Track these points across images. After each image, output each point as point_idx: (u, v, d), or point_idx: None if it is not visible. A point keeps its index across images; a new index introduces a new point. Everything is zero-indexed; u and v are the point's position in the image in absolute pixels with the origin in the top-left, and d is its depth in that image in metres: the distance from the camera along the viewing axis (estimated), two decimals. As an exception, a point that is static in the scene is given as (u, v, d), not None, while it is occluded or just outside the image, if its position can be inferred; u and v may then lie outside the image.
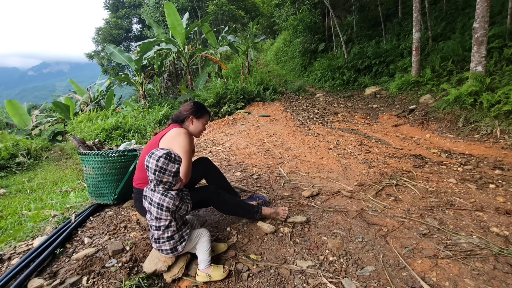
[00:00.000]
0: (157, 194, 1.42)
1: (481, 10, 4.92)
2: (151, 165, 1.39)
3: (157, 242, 1.49)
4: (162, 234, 1.47)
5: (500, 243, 1.71)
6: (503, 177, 2.80)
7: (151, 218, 1.46)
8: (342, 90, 9.78)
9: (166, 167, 1.40)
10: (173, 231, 1.48)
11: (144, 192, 1.50)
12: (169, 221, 1.45)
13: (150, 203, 1.45)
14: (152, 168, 1.39)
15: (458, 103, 5.22)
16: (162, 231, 1.46)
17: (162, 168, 1.39)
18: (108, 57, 22.81)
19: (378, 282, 1.45)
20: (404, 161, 3.47)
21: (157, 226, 1.46)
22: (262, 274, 1.56)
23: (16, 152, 6.32)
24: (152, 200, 1.43)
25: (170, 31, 8.86)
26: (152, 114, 8.27)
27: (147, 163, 1.41)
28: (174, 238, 1.48)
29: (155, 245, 1.51)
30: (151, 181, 1.44)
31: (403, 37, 9.57)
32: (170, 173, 1.42)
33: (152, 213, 1.44)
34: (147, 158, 1.41)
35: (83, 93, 13.95)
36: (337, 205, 2.34)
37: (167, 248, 1.48)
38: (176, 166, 1.43)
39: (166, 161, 1.39)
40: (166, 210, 1.42)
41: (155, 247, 1.53)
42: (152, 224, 1.48)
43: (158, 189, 1.43)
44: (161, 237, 1.47)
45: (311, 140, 4.77)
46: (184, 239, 1.51)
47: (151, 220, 1.47)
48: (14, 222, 2.66)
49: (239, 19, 19.71)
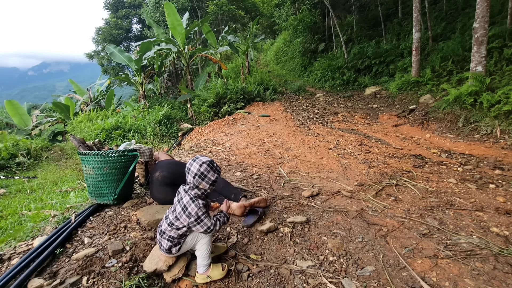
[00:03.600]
0: (187, 196, 1.46)
1: (481, 10, 4.92)
2: (193, 168, 1.45)
3: (160, 234, 1.52)
4: (169, 231, 1.49)
5: (500, 243, 1.71)
6: (503, 177, 2.80)
7: (173, 214, 1.50)
8: (342, 90, 9.78)
9: (207, 173, 1.46)
10: (178, 234, 1.49)
11: (179, 189, 1.55)
12: (182, 226, 1.47)
13: (179, 201, 1.49)
14: (193, 171, 1.45)
15: (458, 103, 5.22)
16: (171, 228, 1.48)
17: (203, 174, 1.45)
18: (108, 57, 22.81)
19: (378, 282, 1.45)
20: (404, 161, 3.47)
21: (171, 222, 1.49)
22: (262, 274, 1.56)
23: (16, 152, 6.32)
24: (181, 199, 1.48)
25: (170, 31, 8.85)
26: (152, 114, 8.26)
27: (190, 166, 1.47)
28: (173, 242, 1.50)
29: (158, 236, 1.54)
30: (188, 183, 1.50)
31: (403, 37, 9.57)
32: (209, 181, 1.47)
33: (176, 210, 1.48)
34: (191, 161, 1.49)
35: (83, 93, 13.95)
36: (337, 205, 2.34)
37: (164, 245, 1.51)
38: (215, 175, 1.49)
39: (208, 168, 1.46)
40: (187, 215, 1.44)
41: (157, 237, 1.55)
42: (169, 217, 1.51)
43: (190, 192, 1.47)
44: (166, 233, 1.50)
45: (311, 140, 4.77)
46: (179, 243, 1.53)
47: (171, 214, 1.51)
48: (14, 222, 2.66)
49: (239, 19, 19.70)
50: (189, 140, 6.46)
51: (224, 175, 3.22)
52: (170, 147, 6.63)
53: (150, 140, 7.24)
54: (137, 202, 2.43)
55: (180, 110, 9.78)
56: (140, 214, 2.11)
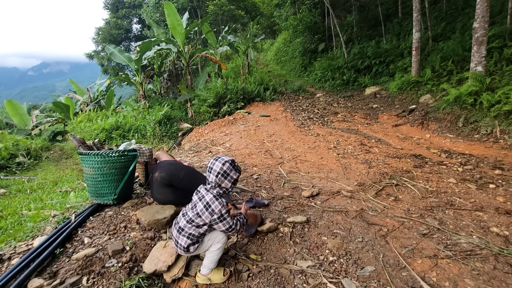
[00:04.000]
0: (210, 194, 1.49)
1: (481, 10, 4.92)
2: (216, 167, 1.48)
3: (179, 231, 1.51)
4: (188, 229, 1.49)
5: (500, 243, 1.71)
6: (503, 177, 2.80)
7: (193, 211, 1.50)
8: (342, 90, 9.78)
9: (230, 172, 1.49)
10: (198, 232, 1.49)
11: (199, 188, 1.58)
12: (203, 223, 1.48)
13: (200, 199, 1.51)
14: (216, 170, 1.47)
15: (458, 103, 5.22)
16: (191, 226, 1.48)
17: (225, 173, 1.48)
18: (108, 57, 22.81)
19: (378, 282, 1.45)
20: (404, 161, 3.46)
21: (190, 219, 1.49)
22: (262, 274, 1.56)
23: (16, 152, 6.32)
24: (203, 197, 1.50)
25: (170, 31, 8.85)
26: (152, 114, 8.26)
27: (212, 165, 1.49)
28: (192, 240, 1.49)
29: (176, 233, 1.52)
30: (210, 182, 1.51)
31: (403, 37, 9.57)
32: (231, 179, 1.50)
33: (197, 208, 1.49)
34: (212, 161, 1.51)
35: (83, 93, 13.95)
36: (337, 205, 2.34)
37: (182, 244, 1.48)
38: (237, 174, 1.52)
39: (230, 167, 1.49)
40: (209, 212, 1.45)
41: (174, 234, 1.54)
42: (188, 214, 1.51)
43: (212, 191, 1.50)
44: (186, 230, 1.49)
45: (311, 140, 4.77)
46: (198, 241, 1.52)
47: (190, 211, 1.51)
48: (14, 222, 2.66)
49: (239, 19, 19.69)
50: (189, 140, 6.46)
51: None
52: (170, 147, 6.63)
53: (150, 140, 7.24)
54: (137, 202, 2.43)
55: (180, 110, 9.78)
56: (140, 214, 2.11)
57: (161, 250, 1.65)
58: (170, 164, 2.37)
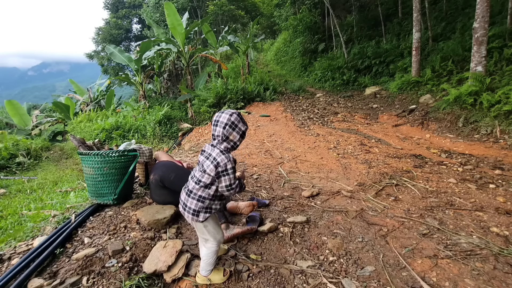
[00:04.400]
0: (217, 149, 1.41)
1: (481, 10, 4.92)
2: (223, 119, 1.39)
3: (187, 194, 1.45)
4: (197, 190, 1.42)
5: (500, 243, 1.71)
6: (503, 177, 2.80)
7: (199, 169, 1.45)
8: (342, 90, 9.78)
9: (238, 123, 1.41)
10: (208, 194, 1.42)
11: (203, 148, 1.49)
12: (211, 180, 1.40)
13: (207, 157, 1.43)
14: (223, 122, 1.39)
15: (458, 103, 5.22)
16: (199, 187, 1.42)
17: (234, 123, 1.40)
18: (108, 57, 22.81)
19: (378, 282, 1.45)
20: (404, 161, 3.46)
21: (198, 180, 1.43)
22: (262, 274, 1.56)
23: (16, 152, 6.32)
24: (210, 155, 1.43)
25: (170, 31, 8.85)
26: (152, 114, 8.26)
27: (218, 118, 1.40)
28: (203, 202, 1.42)
29: (185, 196, 1.46)
30: (216, 137, 1.42)
31: (403, 37, 9.57)
32: (239, 131, 1.43)
33: (204, 166, 1.42)
34: (218, 113, 1.42)
35: (83, 93, 13.95)
36: (337, 205, 2.34)
37: (191, 206, 1.42)
38: (244, 127, 1.45)
39: (238, 118, 1.41)
40: (214, 165, 1.38)
41: (182, 199, 1.48)
42: (196, 175, 1.45)
43: (220, 146, 1.42)
44: (194, 192, 1.43)
45: (311, 140, 4.77)
46: (210, 211, 1.45)
47: (197, 172, 1.46)
48: (14, 222, 2.66)
49: (239, 19, 19.69)
50: (189, 140, 6.46)
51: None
52: (170, 147, 6.63)
53: (150, 140, 7.24)
54: (137, 202, 2.43)
55: (180, 110, 9.78)
56: (140, 214, 2.11)
57: (161, 250, 1.65)
58: (163, 165, 2.35)
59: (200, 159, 1.47)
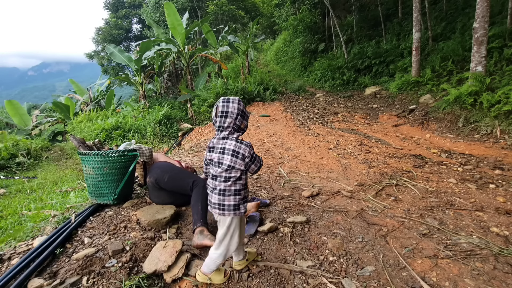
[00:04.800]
0: (230, 141, 1.36)
1: (481, 10, 4.92)
2: (232, 109, 1.34)
3: (221, 195, 1.38)
4: (230, 186, 1.37)
5: (500, 243, 1.71)
6: (503, 177, 2.80)
7: (222, 168, 1.37)
8: (342, 90, 9.78)
9: (245, 110, 1.39)
10: (241, 185, 1.39)
11: (210, 144, 1.42)
12: (240, 172, 1.37)
13: (222, 152, 1.37)
14: (234, 112, 1.34)
15: (458, 103, 5.22)
16: (231, 183, 1.37)
17: (243, 112, 1.38)
18: (108, 57, 22.80)
19: (378, 282, 1.45)
20: (404, 161, 3.47)
21: (226, 177, 1.37)
22: (262, 274, 1.56)
23: (16, 152, 6.32)
24: (224, 149, 1.36)
25: (170, 31, 8.85)
26: (152, 114, 8.26)
27: (226, 108, 1.34)
28: (240, 194, 1.39)
29: (219, 197, 1.38)
30: (226, 129, 1.37)
31: (403, 37, 9.57)
32: (247, 118, 1.42)
33: (225, 162, 1.36)
34: (223, 104, 1.35)
35: (83, 93, 13.95)
36: (337, 205, 2.34)
37: (231, 203, 1.37)
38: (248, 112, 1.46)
39: (243, 104, 1.39)
40: (241, 158, 1.35)
41: (214, 202, 1.40)
42: (221, 175, 1.38)
43: (232, 137, 1.37)
44: (228, 189, 1.37)
45: (311, 140, 4.77)
46: (246, 200, 1.43)
47: (220, 172, 1.38)
48: (14, 222, 2.66)
49: (239, 19, 19.69)
50: (189, 140, 6.46)
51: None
52: (170, 147, 6.63)
53: (150, 140, 7.24)
54: (137, 202, 2.43)
55: (180, 110, 9.78)
56: (140, 214, 2.11)
57: (161, 250, 1.65)
58: (158, 167, 2.35)
59: (213, 156, 1.40)
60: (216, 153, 1.39)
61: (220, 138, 1.39)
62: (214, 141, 1.42)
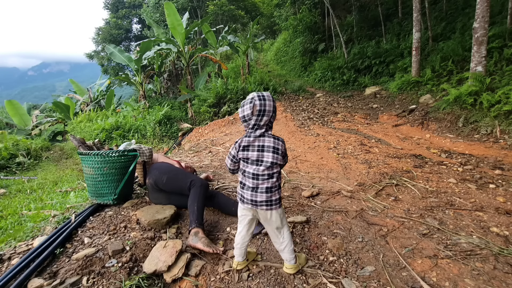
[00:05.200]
0: (268, 138, 1.38)
1: (481, 10, 4.92)
2: (269, 107, 1.36)
3: (268, 192, 1.39)
4: (275, 182, 1.40)
5: (500, 243, 1.71)
6: (503, 177, 2.80)
7: (265, 165, 1.38)
8: (342, 90, 9.78)
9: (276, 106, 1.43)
10: (278, 178, 1.43)
11: (244, 143, 1.40)
12: (280, 167, 1.43)
13: (262, 149, 1.38)
14: (270, 110, 1.36)
15: (458, 103, 5.22)
16: (276, 179, 1.40)
17: (275, 108, 1.41)
18: (108, 57, 22.80)
19: (378, 282, 1.45)
20: (404, 161, 3.47)
21: (270, 174, 1.39)
22: (262, 274, 1.56)
23: (16, 152, 6.32)
24: (263, 146, 1.37)
25: (170, 31, 8.86)
26: (152, 114, 8.27)
27: (263, 106, 1.35)
28: (279, 187, 1.44)
29: (265, 196, 1.39)
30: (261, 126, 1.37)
31: (403, 37, 9.57)
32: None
33: (267, 160, 1.37)
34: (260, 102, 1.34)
35: (83, 93, 13.95)
36: (337, 205, 2.34)
37: (277, 197, 1.42)
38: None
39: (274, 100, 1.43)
40: (281, 154, 1.40)
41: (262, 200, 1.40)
42: (264, 173, 1.38)
43: (268, 134, 1.40)
44: (274, 185, 1.40)
45: (311, 140, 4.77)
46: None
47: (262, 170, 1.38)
48: (14, 222, 2.66)
49: (239, 19, 19.69)
50: (189, 140, 6.46)
51: (224, 175, 3.22)
52: (170, 147, 6.63)
53: (150, 140, 7.24)
54: (137, 202, 2.43)
55: (180, 110, 9.78)
56: (140, 214, 2.11)
57: (161, 250, 1.65)
58: (156, 168, 2.35)
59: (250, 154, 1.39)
60: (254, 151, 1.40)
61: (257, 136, 1.39)
62: (249, 139, 1.40)
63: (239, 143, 1.43)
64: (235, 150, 1.45)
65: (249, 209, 1.46)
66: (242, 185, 1.47)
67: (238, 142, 1.44)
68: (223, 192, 2.66)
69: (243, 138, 1.42)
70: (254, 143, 1.39)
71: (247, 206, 1.45)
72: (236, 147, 1.44)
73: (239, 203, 1.50)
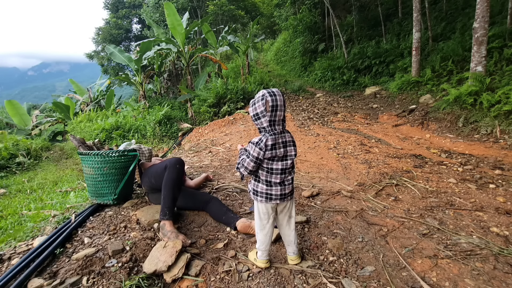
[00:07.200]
0: (287, 133, 1.45)
1: (481, 10, 4.92)
2: (280, 102, 1.38)
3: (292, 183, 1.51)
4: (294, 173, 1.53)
5: (500, 243, 1.71)
6: (503, 177, 2.80)
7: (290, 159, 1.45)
8: (342, 90, 9.78)
9: None
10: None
11: (269, 141, 1.37)
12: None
13: (285, 145, 1.41)
14: (281, 104, 1.39)
15: (458, 103, 5.22)
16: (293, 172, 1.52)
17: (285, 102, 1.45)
18: (108, 57, 22.80)
19: (378, 282, 1.45)
20: (404, 161, 3.46)
21: (293, 166, 1.50)
22: (262, 274, 1.56)
23: (16, 152, 6.32)
24: (286, 142, 1.42)
25: (170, 31, 8.86)
26: (152, 114, 8.26)
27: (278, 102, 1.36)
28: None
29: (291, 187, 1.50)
30: (281, 122, 1.41)
31: (403, 37, 9.57)
32: None
33: (292, 153, 1.44)
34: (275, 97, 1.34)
35: (83, 93, 13.95)
36: (337, 205, 2.34)
37: (292, 187, 1.52)
38: None
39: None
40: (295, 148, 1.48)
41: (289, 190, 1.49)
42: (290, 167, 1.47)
43: (285, 129, 1.46)
44: (293, 176, 1.53)
45: (311, 140, 4.77)
46: None
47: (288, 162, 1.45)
48: (14, 222, 2.66)
49: (239, 19, 19.69)
50: (189, 140, 6.45)
51: (224, 175, 3.22)
52: (170, 147, 6.63)
53: (150, 140, 7.24)
54: (137, 202, 2.43)
55: (180, 110, 9.78)
56: (140, 214, 2.11)
57: (161, 250, 1.65)
58: (145, 175, 2.36)
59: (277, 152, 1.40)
60: (280, 148, 1.41)
61: (279, 133, 1.41)
62: (274, 137, 1.38)
63: (265, 143, 1.37)
64: (259, 151, 1.38)
65: (274, 205, 1.50)
66: (267, 183, 1.45)
67: (264, 142, 1.37)
68: (223, 192, 2.66)
69: (267, 138, 1.37)
70: (279, 140, 1.41)
71: (275, 202, 1.48)
72: (262, 148, 1.37)
73: (263, 203, 1.48)
